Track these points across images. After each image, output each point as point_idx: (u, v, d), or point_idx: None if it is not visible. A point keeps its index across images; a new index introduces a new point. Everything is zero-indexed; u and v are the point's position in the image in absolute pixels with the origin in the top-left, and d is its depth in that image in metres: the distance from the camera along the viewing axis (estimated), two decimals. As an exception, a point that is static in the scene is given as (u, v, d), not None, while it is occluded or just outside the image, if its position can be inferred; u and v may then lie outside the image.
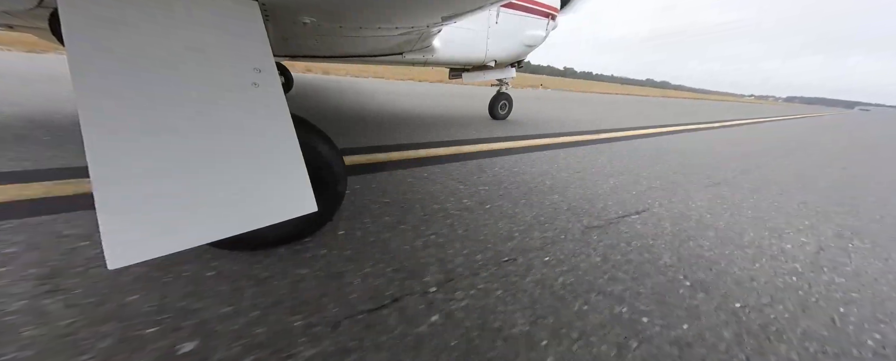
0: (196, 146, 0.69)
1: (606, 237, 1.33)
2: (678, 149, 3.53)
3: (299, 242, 1.08)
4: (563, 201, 1.68)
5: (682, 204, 1.82)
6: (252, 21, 0.77)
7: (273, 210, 0.79)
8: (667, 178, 2.32)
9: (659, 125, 5.48)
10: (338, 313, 0.81)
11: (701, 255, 1.27)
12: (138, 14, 0.65)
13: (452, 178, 1.85)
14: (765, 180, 2.54)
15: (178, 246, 0.66)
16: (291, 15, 1.00)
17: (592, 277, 1.06)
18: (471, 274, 1.01)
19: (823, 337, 0.91)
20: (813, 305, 1.05)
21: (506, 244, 1.20)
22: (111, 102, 0.61)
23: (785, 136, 6.07)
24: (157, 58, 0.66)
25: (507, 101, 4.37)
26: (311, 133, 1.01)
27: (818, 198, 2.24)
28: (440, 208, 1.44)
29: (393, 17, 1.18)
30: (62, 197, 1.21)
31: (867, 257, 1.44)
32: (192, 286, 0.85)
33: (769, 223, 1.69)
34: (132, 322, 0.73)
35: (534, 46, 3.90)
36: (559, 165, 2.37)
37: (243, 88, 0.75)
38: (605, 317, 0.88)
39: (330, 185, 1.06)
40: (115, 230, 0.60)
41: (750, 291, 1.08)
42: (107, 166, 0.60)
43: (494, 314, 0.85)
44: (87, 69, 0.60)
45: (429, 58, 3.06)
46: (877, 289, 1.18)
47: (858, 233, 1.70)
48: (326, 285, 0.90)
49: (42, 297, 0.77)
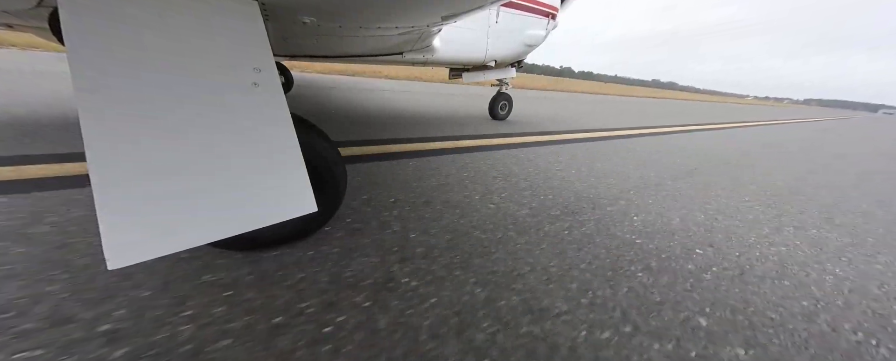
0: (196, 146, 0.69)
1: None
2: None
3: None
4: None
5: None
6: (252, 21, 0.77)
7: (273, 210, 0.78)
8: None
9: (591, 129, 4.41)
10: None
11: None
12: (138, 14, 0.64)
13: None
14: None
15: (178, 246, 0.66)
16: (291, 15, 0.99)
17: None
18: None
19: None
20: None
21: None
22: (111, 102, 0.61)
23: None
24: (156, 58, 0.66)
25: (507, 101, 4.37)
26: (311, 133, 1.01)
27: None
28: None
29: (393, 16, 1.17)
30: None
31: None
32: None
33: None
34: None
35: (534, 46, 3.90)
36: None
37: (243, 88, 0.75)
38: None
39: (330, 185, 1.06)
40: (116, 230, 0.60)
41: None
42: (107, 166, 0.60)
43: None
44: (87, 69, 0.60)
45: (429, 58, 3.06)
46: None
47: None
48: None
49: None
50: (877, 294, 1.16)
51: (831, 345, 0.90)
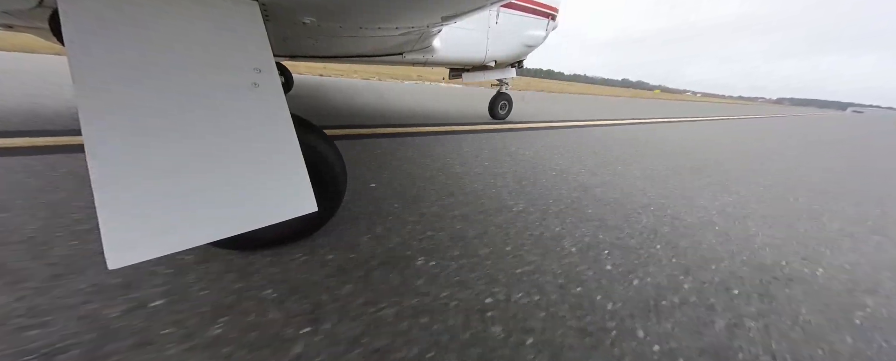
0: (196, 146, 0.69)
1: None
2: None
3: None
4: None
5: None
6: (252, 21, 0.77)
7: (273, 210, 0.78)
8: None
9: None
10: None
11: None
12: (138, 14, 0.64)
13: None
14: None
15: (178, 246, 0.66)
16: (291, 15, 0.99)
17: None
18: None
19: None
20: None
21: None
22: (111, 102, 0.61)
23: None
24: (157, 58, 0.66)
25: (506, 101, 4.37)
26: (311, 133, 1.01)
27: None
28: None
29: (393, 17, 1.17)
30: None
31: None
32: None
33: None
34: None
35: (534, 46, 3.90)
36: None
37: (243, 88, 0.75)
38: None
39: (330, 184, 1.06)
40: (116, 229, 0.60)
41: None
42: (107, 166, 0.60)
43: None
44: (87, 69, 0.60)
45: (429, 58, 3.06)
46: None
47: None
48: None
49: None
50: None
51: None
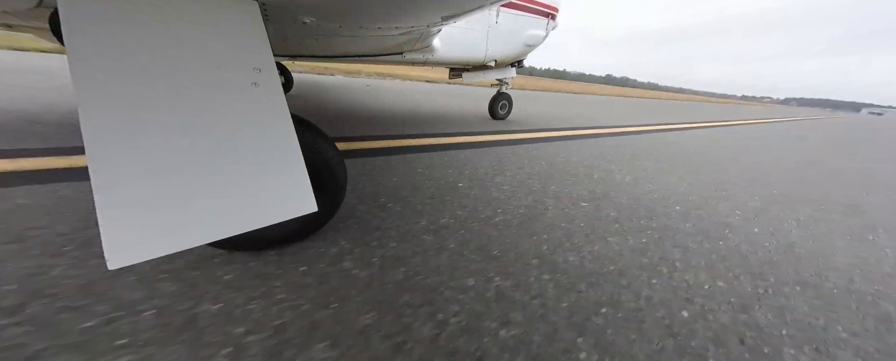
0: (196, 146, 0.69)
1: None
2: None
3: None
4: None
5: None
6: (252, 21, 0.77)
7: (273, 210, 0.78)
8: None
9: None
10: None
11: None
12: (138, 14, 0.64)
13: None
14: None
15: (178, 246, 0.66)
16: (291, 15, 0.99)
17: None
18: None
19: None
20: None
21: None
22: (111, 102, 0.61)
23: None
24: (157, 58, 0.66)
25: (506, 101, 4.37)
26: (311, 133, 1.01)
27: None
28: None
29: (393, 17, 1.17)
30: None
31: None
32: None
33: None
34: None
35: (534, 46, 3.90)
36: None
37: (243, 88, 0.75)
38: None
39: (330, 184, 1.06)
40: (116, 229, 0.60)
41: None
42: (107, 166, 0.60)
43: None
44: (87, 69, 0.60)
45: (429, 57, 3.06)
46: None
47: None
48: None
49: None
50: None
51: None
